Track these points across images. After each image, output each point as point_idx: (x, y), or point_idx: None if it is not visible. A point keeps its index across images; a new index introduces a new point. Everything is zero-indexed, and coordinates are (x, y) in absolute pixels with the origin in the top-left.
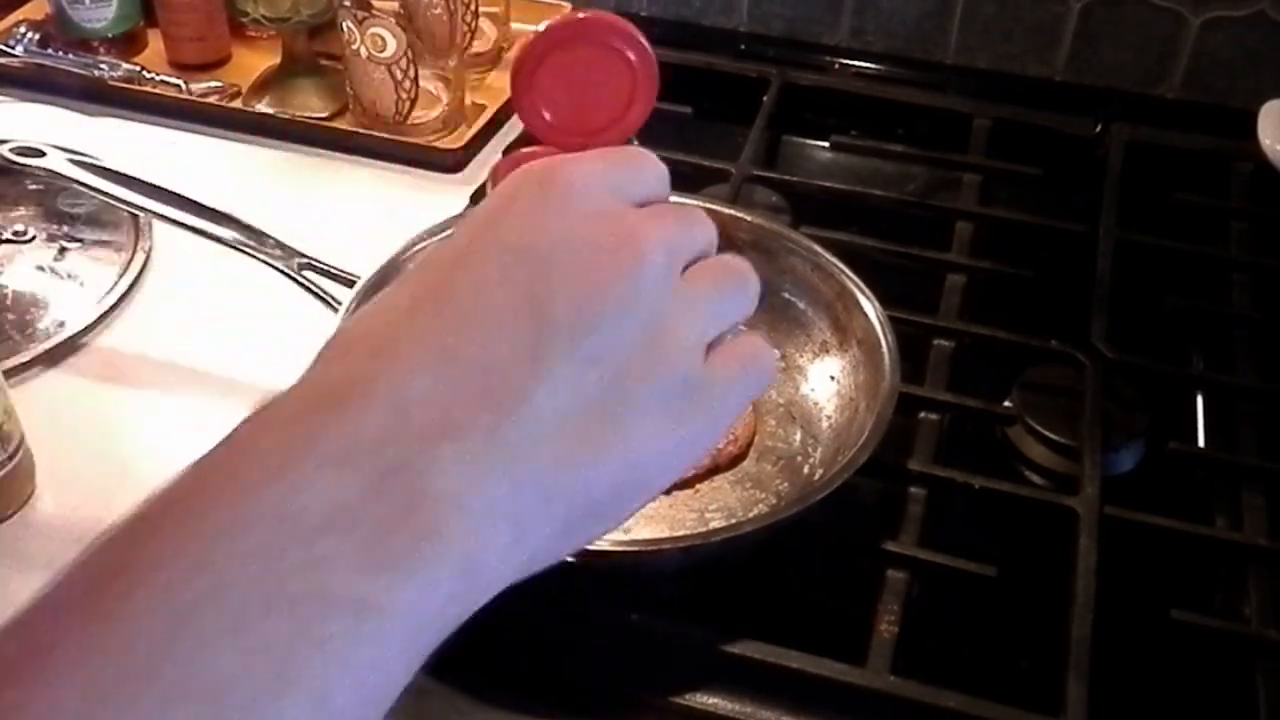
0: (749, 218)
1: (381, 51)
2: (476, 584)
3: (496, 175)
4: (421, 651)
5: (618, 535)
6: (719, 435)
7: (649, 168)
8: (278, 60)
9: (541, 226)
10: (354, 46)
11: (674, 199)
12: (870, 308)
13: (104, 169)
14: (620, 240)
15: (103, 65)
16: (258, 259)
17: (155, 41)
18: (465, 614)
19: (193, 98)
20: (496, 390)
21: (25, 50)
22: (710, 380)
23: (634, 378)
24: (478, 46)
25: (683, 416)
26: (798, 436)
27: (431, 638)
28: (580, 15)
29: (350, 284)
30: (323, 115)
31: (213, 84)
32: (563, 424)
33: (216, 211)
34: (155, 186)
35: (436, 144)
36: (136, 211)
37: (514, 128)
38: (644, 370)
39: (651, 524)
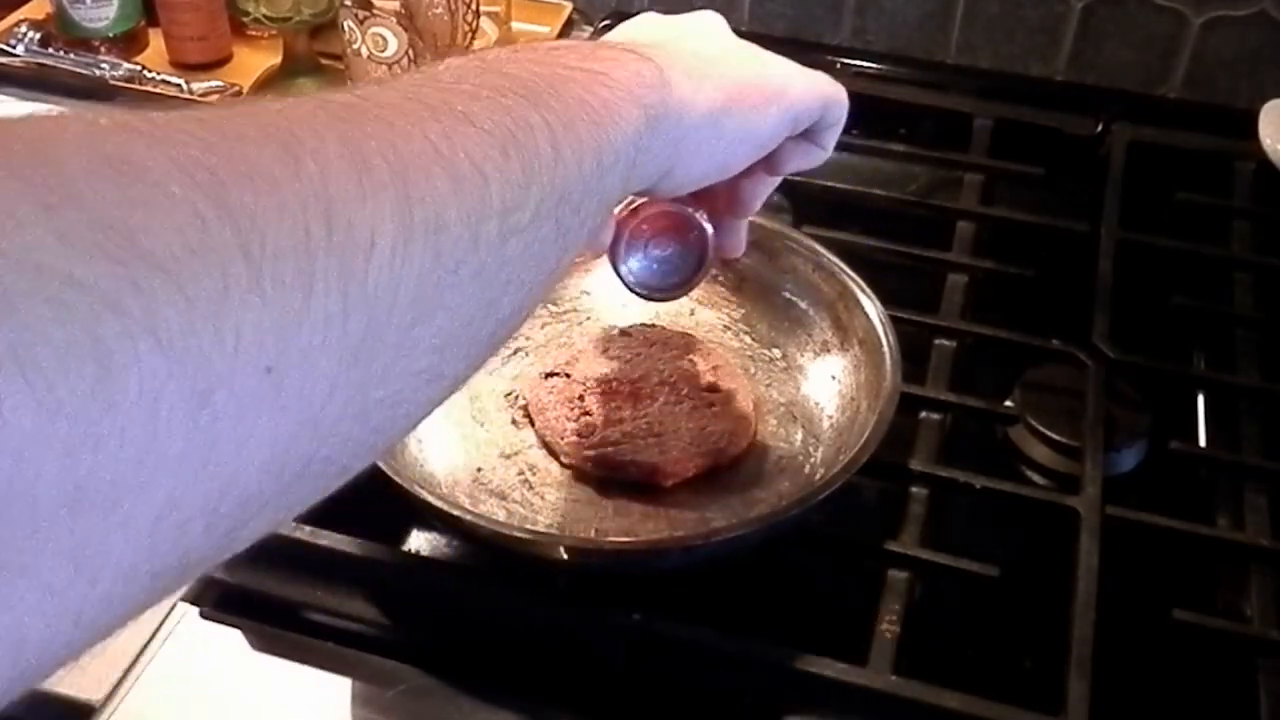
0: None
1: (383, 51)
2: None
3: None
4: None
5: (618, 535)
6: None
7: None
8: (279, 60)
9: None
10: (355, 46)
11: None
12: (872, 307)
13: None
14: None
15: (104, 65)
16: None
17: (156, 41)
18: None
19: (194, 97)
20: None
21: (26, 50)
22: None
23: None
24: (478, 46)
25: None
26: (799, 436)
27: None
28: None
29: None
30: None
31: (214, 83)
32: None
33: None
34: None
35: None
36: None
37: None
38: None
39: (652, 524)
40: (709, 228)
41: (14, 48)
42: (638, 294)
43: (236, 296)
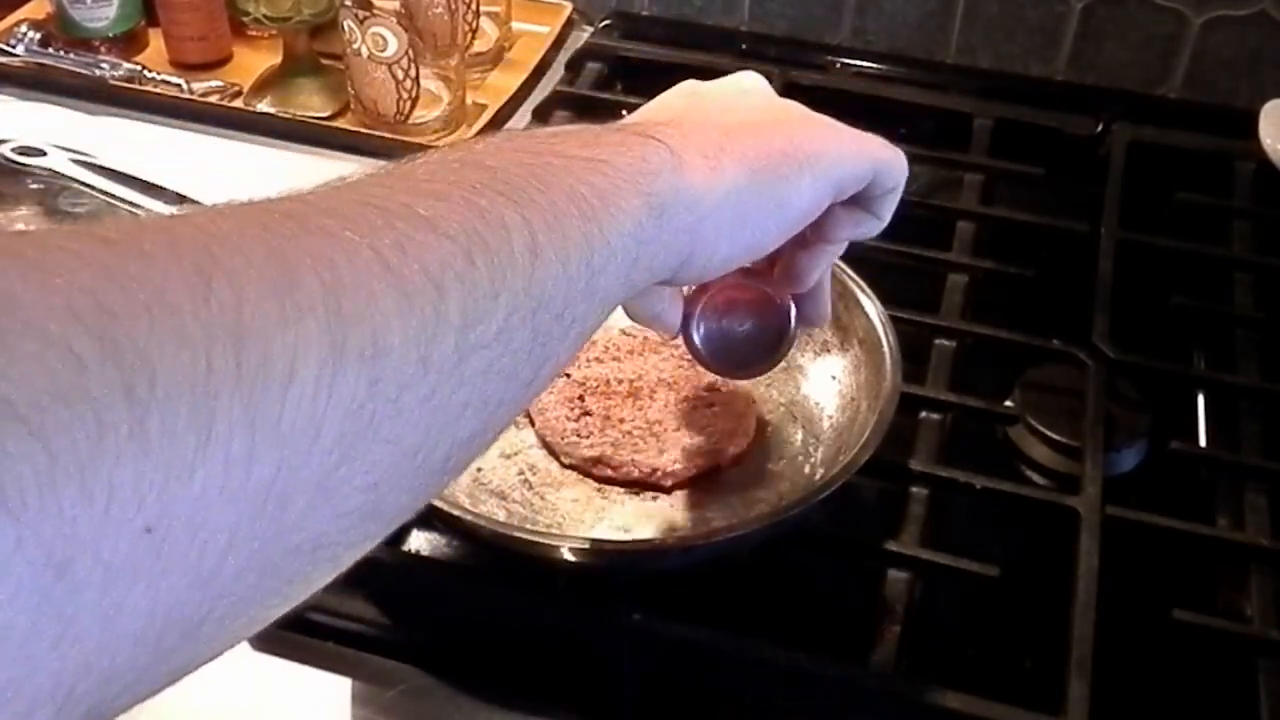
0: None
1: (383, 51)
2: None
3: None
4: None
5: (618, 535)
6: None
7: None
8: (279, 60)
9: None
10: (355, 46)
11: None
12: (872, 307)
13: (104, 169)
14: None
15: (104, 65)
16: None
17: (156, 41)
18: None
19: (194, 97)
20: None
21: (26, 50)
22: None
23: None
24: (479, 46)
25: None
26: (799, 436)
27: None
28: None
29: None
30: (324, 115)
31: (214, 83)
32: None
33: None
34: (156, 186)
35: (438, 144)
36: (137, 211)
37: (515, 127)
38: None
39: (652, 524)
40: (789, 298)
41: (14, 48)
42: (719, 373)
43: (112, 447)
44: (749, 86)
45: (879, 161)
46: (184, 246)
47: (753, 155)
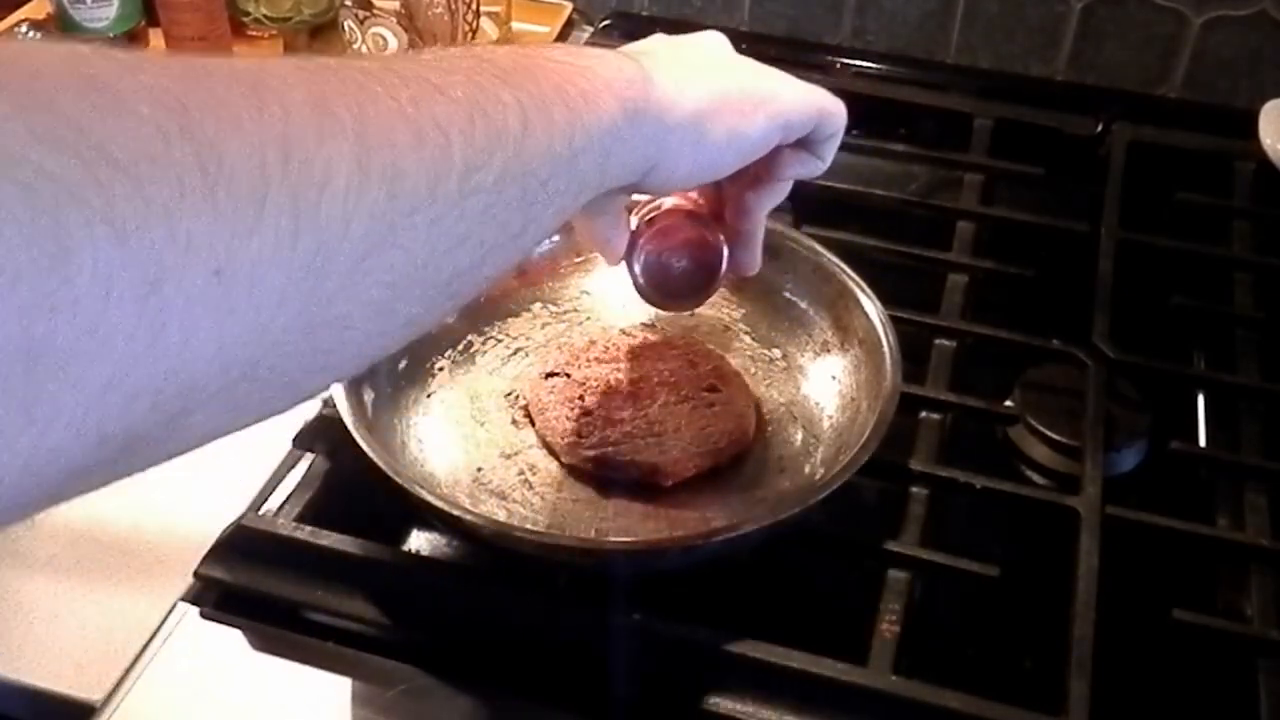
0: None
1: (383, 51)
2: None
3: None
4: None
5: (618, 535)
6: None
7: None
8: None
9: None
10: (355, 46)
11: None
12: (872, 307)
13: None
14: None
15: None
16: None
17: (156, 41)
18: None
19: None
20: None
21: None
22: None
23: None
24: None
25: None
26: (799, 436)
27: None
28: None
29: None
30: None
31: None
32: None
33: None
34: None
35: None
36: None
37: None
38: None
39: (652, 524)
40: (724, 243)
41: None
42: (650, 301)
43: (190, 204)
44: (713, 42)
45: (823, 109)
46: (241, 73)
47: (717, 88)
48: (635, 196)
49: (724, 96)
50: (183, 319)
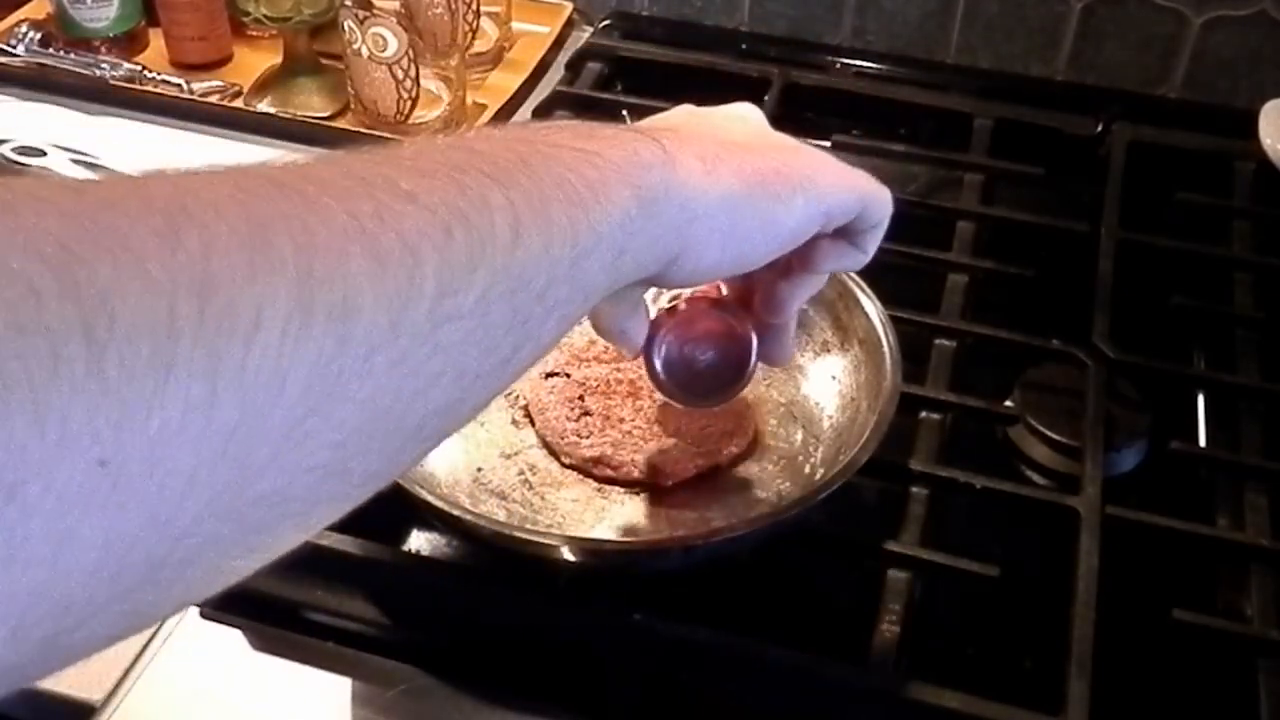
0: None
1: (383, 51)
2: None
3: None
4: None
5: (618, 535)
6: None
7: None
8: (279, 60)
9: None
10: (355, 46)
11: None
12: (872, 307)
13: (105, 169)
14: None
15: (104, 65)
16: None
17: (156, 41)
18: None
19: (194, 97)
20: None
21: (27, 50)
22: None
23: None
24: (479, 46)
25: None
26: (799, 436)
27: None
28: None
29: None
30: (324, 115)
31: (214, 83)
32: None
33: None
34: None
35: None
36: None
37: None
38: None
39: (652, 524)
40: (753, 334)
41: (14, 48)
42: (673, 399)
43: (66, 380)
44: (746, 114)
45: (867, 195)
46: (156, 199)
47: (749, 169)
48: None
49: (758, 178)
50: (52, 525)
